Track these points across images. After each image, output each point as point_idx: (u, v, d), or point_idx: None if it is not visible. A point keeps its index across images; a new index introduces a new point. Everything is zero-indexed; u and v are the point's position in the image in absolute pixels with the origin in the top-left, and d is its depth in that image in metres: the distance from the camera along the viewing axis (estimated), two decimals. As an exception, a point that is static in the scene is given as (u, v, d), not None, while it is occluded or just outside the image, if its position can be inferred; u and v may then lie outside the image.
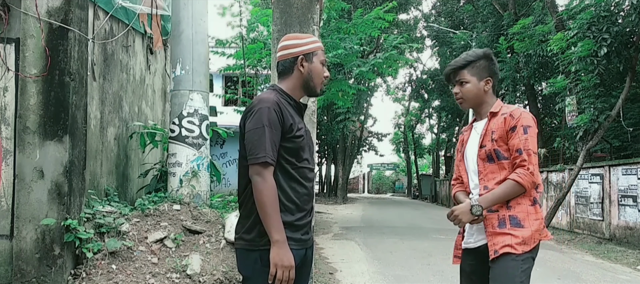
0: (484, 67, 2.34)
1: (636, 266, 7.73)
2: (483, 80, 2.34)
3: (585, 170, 11.23)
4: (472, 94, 2.35)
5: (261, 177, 1.90)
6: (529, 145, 2.17)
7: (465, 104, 2.40)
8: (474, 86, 2.34)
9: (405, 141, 40.49)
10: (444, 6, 24.82)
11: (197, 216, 4.84)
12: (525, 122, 2.19)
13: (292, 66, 2.09)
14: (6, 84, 4.14)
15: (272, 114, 1.93)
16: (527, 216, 2.18)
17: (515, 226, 2.17)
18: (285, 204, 1.97)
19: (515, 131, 2.19)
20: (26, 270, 3.89)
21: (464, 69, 2.35)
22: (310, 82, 2.10)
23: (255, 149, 1.91)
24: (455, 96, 2.41)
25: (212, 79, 17.95)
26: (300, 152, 2.02)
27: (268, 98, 1.97)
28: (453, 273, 6.43)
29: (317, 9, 4.28)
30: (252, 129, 1.93)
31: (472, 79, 2.33)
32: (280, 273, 1.89)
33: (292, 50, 2.08)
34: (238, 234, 2.04)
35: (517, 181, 2.14)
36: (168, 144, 5.41)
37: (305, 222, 2.05)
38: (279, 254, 1.89)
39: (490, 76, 2.35)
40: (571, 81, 11.06)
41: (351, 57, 11.22)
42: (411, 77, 31.61)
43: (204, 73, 5.49)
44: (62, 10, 4.04)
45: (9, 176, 4.08)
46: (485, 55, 2.36)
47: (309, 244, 2.10)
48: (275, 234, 1.89)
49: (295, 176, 2.01)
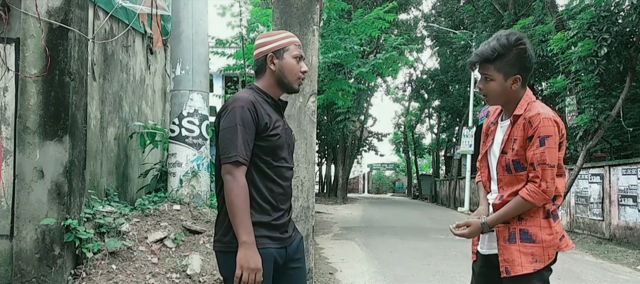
0: (513, 61, 2.03)
1: (636, 266, 7.72)
2: (511, 78, 2.04)
3: (585, 170, 11.22)
4: (497, 93, 2.08)
5: (232, 177, 1.89)
6: (544, 158, 1.97)
7: (490, 101, 2.16)
8: (499, 85, 2.06)
9: (405, 141, 40.49)
10: (444, 6, 24.83)
11: (197, 216, 4.84)
12: (544, 132, 1.97)
13: (264, 65, 2.07)
14: (6, 84, 4.14)
15: (246, 113, 1.91)
16: (540, 230, 2.05)
17: (526, 240, 2.05)
18: (261, 204, 1.96)
19: (532, 142, 2.00)
20: (26, 270, 3.89)
21: (491, 62, 2.04)
22: (283, 79, 2.06)
23: (227, 148, 1.90)
24: (479, 91, 2.16)
25: (212, 79, 17.94)
26: (276, 151, 2.00)
27: (243, 97, 1.96)
28: (453, 273, 6.43)
29: (317, 9, 4.28)
30: (225, 128, 1.92)
31: (498, 76, 2.05)
32: (245, 275, 1.86)
33: (262, 49, 2.07)
34: (216, 237, 2.02)
35: (525, 198, 2.01)
36: (168, 144, 5.41)
37: (283, 221, 2.04)
38: (245, 256, 1.86)
39: (519, 72, 2.04)
40: (571, 80, 11.06)
41: (351, 57, 11.22)
42: (411, 77, 31.61)
43: (204, 73, 5.49)
44: (62, 10, 4.04)
45: (9, 176, 4.08)
46: (517, 44, 2.02)
47: (291, 242, 2.08)
48: (243, 235, 1.86)
49: (271, 175, 1.99)
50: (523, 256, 2.04)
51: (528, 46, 2.06)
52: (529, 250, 2.04)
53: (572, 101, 11.65)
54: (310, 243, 4.21)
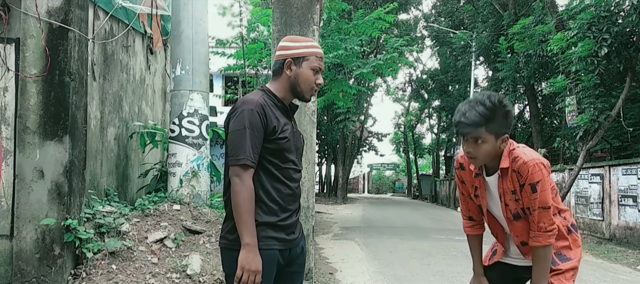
0: (501, 122, 2.02)
1: (636, 266, 7.72)
2: (500, 138, 2.03)
3: (585, 170, 11.22)
4: (489, 154, 2.06)
5: (239, 179, 1.91)
6: (538, 204, 2.03)
7: (479, 162, 2.11)
8: (491, 146, 2.03)
9: (405, 141, 40.48)
10: (444, 6, 24.81)
11: (197, 216, 4.84)
12: (533, 179, 2.01)
13: (281, 68, 2.08)
14: (6, 84, 4.14)
15: (254, 116, 1.93)
16: (570, 247, 2.19)
17: (564, 261, 2.17)
18: (269, 205, 1.98)
19: (524, 190, 2.05)
20: (26, 270, 3.89)
21: (482, 126, 2.01)
22: (297, 87, 2.06)
23: (236, 150, 1.92)
24: (467, 155, 2.09)
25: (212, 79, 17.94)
26: (284, 154, 2.02)
27: (252, 100, 1.97)
28: (453, 273, 6.43)
29: (317, 9, 4.28)
30: (234, 130, 1.94)
31: (490, 138, 2.02)
32: (245, 276, 1.89)
33: (284, 52, 2.07)
34: (222, 234, 2.06)
35: (537, 245, 2.09)
36: (168, 144, 5.41)
37: (290, 222, 2.05)
38: (247, 257, 1.89)
39: (507, 130, 2.05)
40: (571, 80, 11.06)
41: (351, 58, 11.22)
42: (411, 77, 31.60)
43: (204, 73, 5.49)
44: (62, 10, 4.04)
45: (9, 176, 4.08)
46: (502, 104, 2.03)
47: (295, 243, 2.10)
48: (246, 237, 1.89)
49: (279, 176, 2.01)
50: (565, 274, 2.16)
51: (509, 104, 2.08)
52: (569, 265, 2.16)
53: (572, 101, 11.66)
54: (310, 242, 4.21)
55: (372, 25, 11.48)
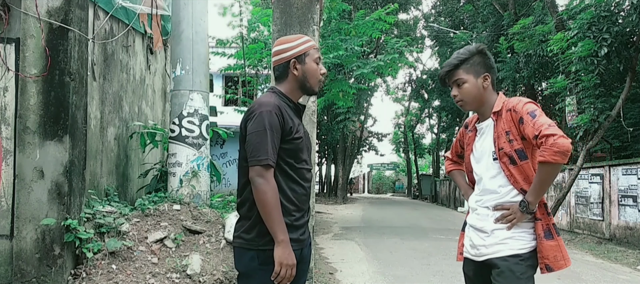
0: (479, 63, 2.23)
1: (636, 266, 7.73)
2: (480, 76, 2.22)
3: (585, 170, 11.22)
4: (472, 94, 2.23)
5: (264, 179, 1.95)
6: (542, 123, 2.02)
7: (467, 106, 2.29)
8: (472, 85, 2.22)
9: (405, 141, 40.50)
10: (444, 6, 24.83)
11: (197, 216, 4.84)
12: (529, 109, 2.08)
13: (286, 70, 2.13)
14: (6, 84, 4.14)
15: (273, 118, 1.97)
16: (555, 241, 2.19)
17: (549, 238, 2.16)
18: (285, 204, 2.02)
19: (524, 122, 2.08)
20: (26, 270, 3.89)
21: (459, 68, 2.23)
22: (306, 83, 2.14)
23: (257, 151, 1.95)
24: (454, 99, 2.30)
25: (212, 79, 17.95)
26: (299, 154, 2.07)
27: (269, 102, 2.02)
28: (453, 273, 6.43)
29: (317, 9, 4.28)
30: (254, 131, 1.97)
31: (469, 77, 2.22)
32: (283, 271, 1.96)
33: (284, 55, 2.12)
34: (237, 233, 2.09)
35: (547, 160, 1.99)
36: (168, 144, 5.41)
37: (303, 222, 2.11)
38: (284, 253, 1.95)
39: (487, 71, 2.24)
40: (571, 81, 11.06)
41: (352, 58, 11.22)
42: (411, 77, 31.64)
43: (204, 73, 5.49)
44: (62, 10, 4.04)
45: (9, 176, 4.08)
46: (478, 51, 2.25)
47: (306, 244, 2.15)
48: (280, 235, 1.95)
49: (294, 176, 2.06)
50: (563, 250, 2.16)
51: (487, 51, 2.28)
52: (548, 223, 2.15)
53: (572, 101, 11.65)
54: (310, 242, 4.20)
55: (373, 26, 11.48)
